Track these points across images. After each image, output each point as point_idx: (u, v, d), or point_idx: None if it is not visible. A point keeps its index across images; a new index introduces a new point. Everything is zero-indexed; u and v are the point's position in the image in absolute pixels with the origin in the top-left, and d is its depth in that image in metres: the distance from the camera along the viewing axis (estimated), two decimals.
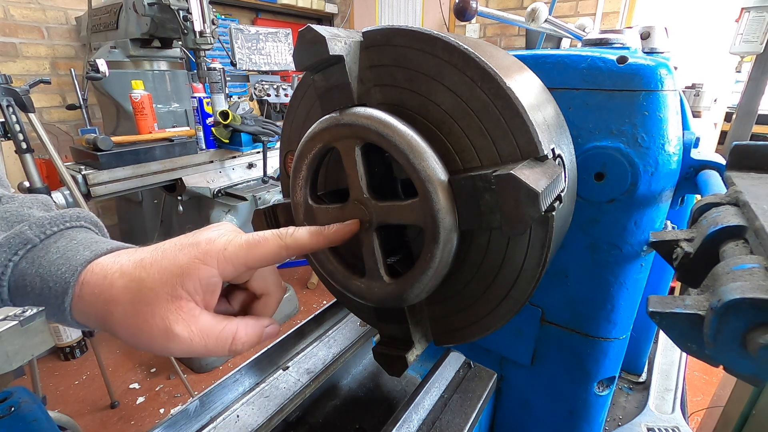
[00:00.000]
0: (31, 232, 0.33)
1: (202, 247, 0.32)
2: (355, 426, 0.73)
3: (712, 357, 0.21)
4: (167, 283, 0.30)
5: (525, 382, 0.63)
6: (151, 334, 0.30)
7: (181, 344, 0.30)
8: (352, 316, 0.89)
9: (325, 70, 0.38)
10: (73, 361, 2.22)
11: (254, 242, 0.33)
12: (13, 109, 1.42)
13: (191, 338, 0.31)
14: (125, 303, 0.30)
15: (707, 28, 2.74)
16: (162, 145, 1.90)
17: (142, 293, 0.30)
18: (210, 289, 0.32)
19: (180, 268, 0.31)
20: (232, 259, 0.32)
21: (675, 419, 0.73)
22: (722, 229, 0.26)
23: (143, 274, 0.31)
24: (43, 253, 0.32)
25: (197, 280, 0.31)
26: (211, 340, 0.32)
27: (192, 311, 0.31)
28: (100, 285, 0.31)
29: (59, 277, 0.31)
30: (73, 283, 0.31)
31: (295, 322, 0.75)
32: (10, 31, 2.44)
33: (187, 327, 0.31)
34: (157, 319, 0.30)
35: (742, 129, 2.10)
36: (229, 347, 0.33)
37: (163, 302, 0.30)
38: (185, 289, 0.31)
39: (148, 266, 0.31)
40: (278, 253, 0.33)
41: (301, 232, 0.35)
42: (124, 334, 0.31)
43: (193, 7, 1.89)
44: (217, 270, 0.31)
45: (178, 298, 0.30)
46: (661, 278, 0.78)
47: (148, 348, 0.31)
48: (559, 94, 0.45)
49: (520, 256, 0.36)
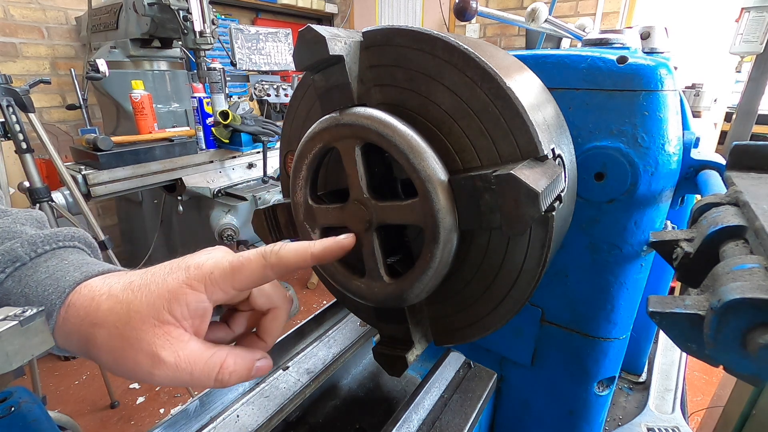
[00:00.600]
0: (22, 249, 0.32)
1: (191, 272, 0.31)
2: (355, 426, 0.73)
3: (712, 357, 0.21)
4: (154, 307, 0.29)
5: (525, 382, 0.63)
6: (136, 359, 0.29)
7: (167, 371, 0.29)
8: (352, 316, 0.89)
9: (325, 70, 0.38)
10: (73, 361, 2.22)
11: (238, 264, 0.31)
12: (13, 109, 1.42)
13: (177, 364, 0.29)
14: (110, 326, 0.29)
15: (707, 28, 2.74)
16: (162, 145, 1.90)
17: (128, 316, 0.29)
18: (199, 314, 0.31)
19: (168, 292, 0.30)
20: (219, 282, 0.31)
21: (675, 419, 0.73)
22: (722, 229, 0.26)
23: (131, 297, 0.30)
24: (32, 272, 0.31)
25: (185, 305, 0.30)
26: (198, 368, 0.30)
27: (180, 337, 0.30)
28: (86, 307, 0.30)
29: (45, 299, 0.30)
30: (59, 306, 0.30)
31: (295, 322, 0.75)
32: (10, 31, 2.44)
33: (174, 353, 0.29)
34: (143, 344, 0.29)
35: (742, 129, 2.10)
36: (215, 376, 0.31)
37: (149, 327, 0.29)
38: (173, 314, 0.30)
39: (136, 289, 0.30)
40: (263, 273, 0.32)
41: (286, 251, 0.32)
42: (107, 358, 0.30)
43: (193, 7, 1.89)
44: (205, 295, 0.31)
45: (166, 323, 0.30)
46: (661, 278, 0.78)
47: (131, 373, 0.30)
48: (559, 94, 0.45)
49: (520, 256, 0.36)
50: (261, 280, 0.32)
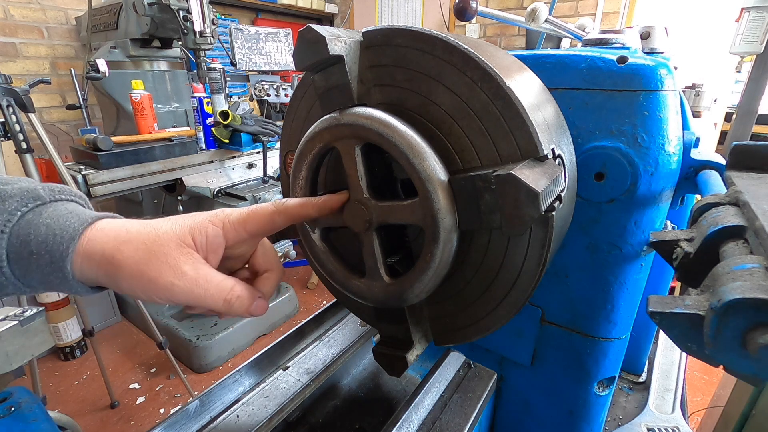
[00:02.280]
0: (44, 192, 0.35)
1: (213, 213, 0.37)
2: (355, 426, 0.73)
3: (712, 357, 0.21)
4: (180, 232, 0.34)
5: (525, 382, 0.63)
6: (161, 269, 0.32)
7: (187, 283, 0.33)
8: (352, 316, 0.89)
9: (325, 70, 0.38)
10: (73, 361, 2.22)
11: (253, 209, 0.37)
12: (13, 109, 1.42)
13: (196, 279, 0.33)
14: (138, 242, 0.33)
15: (707, 28, 2.74)
16: (162, 145, 1.90)
17: (156, 235, 0.33)
18: (214, 248, 0.36)
19: (193, 223, 0.35)
20: (235, 224, 0.36)
21: (675, 419, 0.73)
22: (722, 229, 0.26)
23: (158, 224, 0.35)
24: (52, 210, 0.34)
25: (205, 236, 0.35)
26: (212, 285, 0.34)
27: (199, 260, 0.34)
28: (116, 230, 0.33)
29: (68, 226, 0.32)
30: (81, 230, 0.32)
31: (295, 322, 0.75)
32: (10, 31, 2.44)
33: (195, 269, 0.33)
34: (168, 257, 0.33)
35: (742, 129, 2.10)
36: (225, 296, 0.35)
37: (174, 245, 0.33)
38: (194, 240, 0.34)
39: (164, 221, 0.35)
40: (272, 218, 0.37)
41: (292, 200, 0.38)
42: (129, 273, 0.32)
43: (193, 7, 1.89)
44: (222, 231, 0.36)
45: (188, 246, 0.34)
46: (661, 278, 0.78)
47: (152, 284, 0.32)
48: (559, 94, 0.45)
49: (520, 256, 0.36)
50: (270, 225, 0.37)
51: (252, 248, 0.41)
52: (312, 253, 0.44)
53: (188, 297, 0.33)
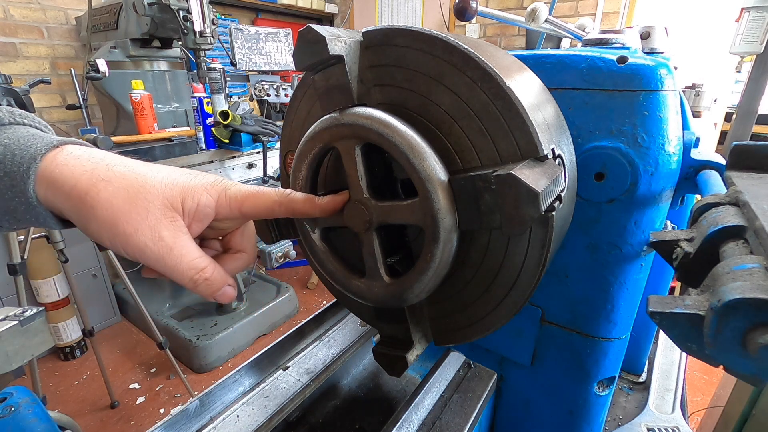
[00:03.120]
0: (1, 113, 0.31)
1: (211, 179, 0.34)
2: (355, 426, 0.73)
3: (712, 357, 0.21)
4: (170, 191, 0.31)
5: (525, 382, 0.63)
6: (138, 226, 0.29)
7: (162, 249, 0.30)
8: (352, 316, 0.89)
9: (325, 70, 0.38)
10: (73, 361, 2.22)
11: (254, 192, 0.35)
12: None
13: (172, 248, 0.30)
14: (119, 186, 0.29)
15: (707, 28, 2.74)
16: (162, 145, 1.90)
17: (143, 186, 0.30)
18: (200, 217, 0.33)
19: (186, 185, 0.32)
20: (231, 199, 0.33)
21: (675, 419, 0.73)
22: (722, 229, 0.26)
23: (148, 172, 0.31)
24: (11, 131, 0.30)
25: (196, 204, 0.32)
26: (185, 261, 0.31)
27: (182, 228, 0.31)
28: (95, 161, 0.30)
29: (29, 147, 0.29)
30: (44, 151, 0.29)
31: (295, 322, 0.74)
32: (10, 31, 2.44)
33: (174, 237, 0.31)
34: (150, 216, 0.30)
35: (742, 129, 2.10)
36: (194, 275, 0.32)
37: (160, 205, 0.30)
38: (184, 205, 0.31)
39: (155, 170, 0.31)
40: (272, 207, 0.35)
41: (297, 196, 0.36)
42: (103, 215, 0.29)
43: (193, 7, 1.89)
44: (215, 203, 0.33)
45: (175, 210, 0.31)
46: (661, 278, 0.78)
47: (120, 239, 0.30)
48: (559, 94, 0.45)
49: (520, 256, 0.36)
50: (266, 213, 0.35)
51: (237, 226, 0.39)
52: (312, 253, 0.44)
53: (157, 263, 0.31)
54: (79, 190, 0.29)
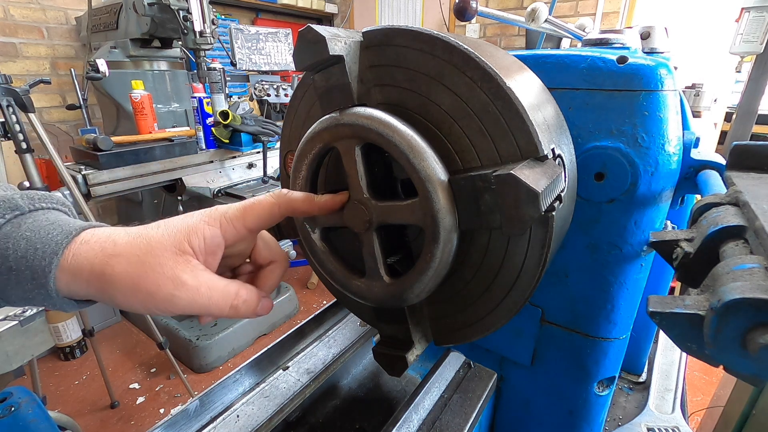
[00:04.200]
0: (22, 201, 0.32)
1: (208, 212, 0.34)
2: (355, 426, 0.73)
3: (712, 357, 0.21)
4: (175, 238, 0.32)
5: (525, 382, 0.63)
6: (158, 282, 0.30)
7: (188, 293, 0.31)
8: (352, 316, 0.89)
9: (325, 70, 0.38)
10: (73, 361, 2.22)
11: (250, 204, 0.35)
12: (13, 109, 1.42)
13: (198, 288, 0.31)
14: (129, 255, 0.30)
15: (707, 28, 2.74)
16: (162, 145, 1.90)
17: (149, 245, 0.31)
18: (212, 249, 0.33)
19: (188, 226, 0.33)
20: (233, 220, 0.34)
21: (675, 419, 0.73)
22: (722, 229, 0.26)
23: (151, 232, 0.32)
24: (31, 221, 0.31)
25: (202, 238, 0.33)
26: (216, 293, 0.32)
27: (198, 266, 0.32)
28: (102, 242, 0.31)
29: (50, 240, 0.30)
30: (65, 245, 0.30)
31: (295, 322, 0.75)
32: (10, 31, 2.44)
33: (195, 277, 0.31)
34: (165, 269, 0.31)
35: (742, 129, 2.10)
36: (231, 302, 0.33)
37: (170, 254, 0.31)
38: (191, 245, 0.32)
39: (154, 227, 0.33)
40: (272, 211, 0.35)
41: (295, 195, 0.37)
42: (125, 285, 0.30)
43: (193, 7, 1.89)
44: (220, 231, 0.33)
45: (185, 253, 0.32)
46: (661, 278, 0.78)
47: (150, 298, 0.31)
48: (559, 94, 0.45)
49: (520, 256, 0.36)
50: (269, 218, 0.35)
51: (252, 243, 0.39)
52: (312, 253, 0.44)
53: (192, 307, 0.32)
54: (96, 273, 0.30)
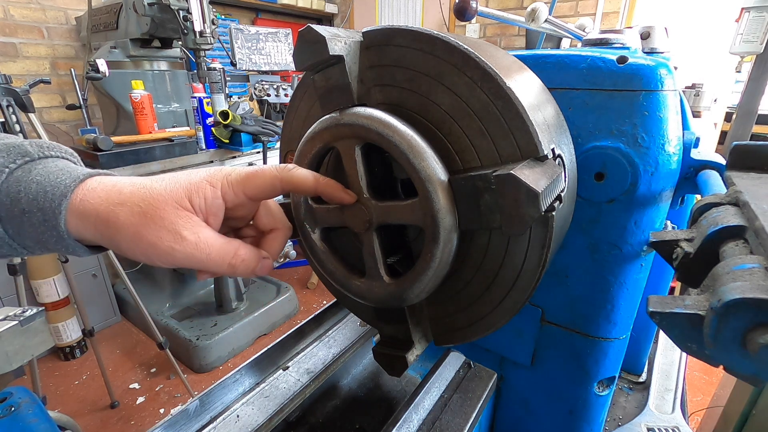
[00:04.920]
0: (31, 148, 0.33)
1: (211, 171, 0.34)
2: (355, 426, 0.73)
3: (712, 357, 0.21)
4: (176, 193, 0.32)
5: (525, 382, 0.63)
6: (159, 234, 0.31)
7: (187, 247, 0.32)
8: (352, 316, 0.89)
9: (325, 70, 0.38)
10: (73, 361, 2.22)
11: (253, 172, 0.35)
12: (13, 109, 1.42)
13: (197, 243, 0.32)
14: (132, 204, 0.31)
15: (707, 28, 2.74)
16: (162, 145, 1.90)
17: (151, 197, 0.32)
18: (213, 210, 0.34)
19: (190, 183, 0.33)
20: (234, 184, 0.34)
21: (675, 419, 0.73)
22: (722, 229, 0.26)
23: (154, 184, 0.32)
24: (41, 167, 0.32)
25: (203, 198, 0.33)
26: (215, 250, 0.33)
27: (199, 222, 0.33)
28: (108, 190, 0.32)
29: (59, 183, 0.31)
30: (73, 188, 0.31)
31: (295, 322, 0.75)
32: (10, 31, 2.44)
33: (195, 233, 0.32)
34: (165, 222, 0.31)
35: (742, 129, 2.10)
36: (229, 260, 0.34)
37: (171, 208, 0.32)
38: (192, 203, 0.33)
39: (159, 180, 0.33)
40: (273, 183, 0.35)
41: (299, 172, 0.36)
42: (127, 234, 0.31)
43: (193, 7, 1.89)
44: (220, 192, 0.34)
45: (185, 209, 0.32)
46: (661, 278, 0.78)
47: (151, 249, 0.31)
48: (559, 94, 0.45)
49: (520, 256, 0.36)
50: (270, 191, 0.35)
51: (254, 209, 0.39)
52: (312, 253, 0.44)
53: (190, 261, 0.32)
54: (102, 219, 0.31)
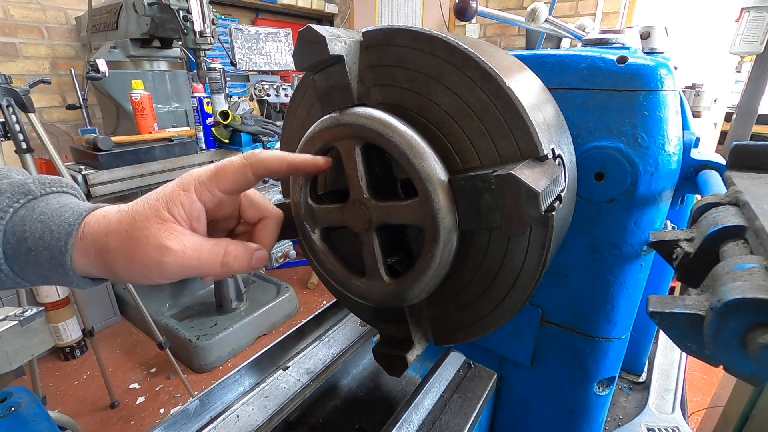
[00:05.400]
0: (34, 186, 0.34)
1: (183, 178, 0.35)
2: (355, 426, 0.73)
3: (712, 357, 0.21)
4: (155, 208, 0.33)
5: (525, 382, 0.63)
6: (147, 252, 0.32)
7: (176, 258, 0.32)
8: (352, 316, 0.89)
9: (325, 70, 0.38)
10: (73, 361, 2.22)
11: (221, 166, 0.35)
12: (13, 109, 1.42)
13: (184, 252, 0.32)
14: (120, 231, 0.32)
15: (707, 28, 2.74)
16: (162, 145, 1.90)
17: (133, 219, 0.32)
18: (194, 215, 0.34)
19: (165, 194, 0.34)
20: (206, 183, 0.34)
21: (675, 419, 0.73)
22: (722, 229, 0.26)
23: (135, 207, 0.33)
24: (44, 204, 0.33)
25: (180, 206, 0.33)
26: (204, 254, 0.33)
27: (183, 231, 0.33)
28: (99, 222, 0.33)
29: (63, 221, 0.32)
30: (77, 226, 0.32)
31: (295, 322, 0.75)
32: (10, 31, 2.44)
33: (180, 242, 0.32)
34: (150, 238, 0.32)
35: (742, 129, 2.10)
36: (221, 260, 0.34)
37: (152, 224, 0.32)
38: (171, 213, 0.33)
39: (139, 201, 0.34)
40: (243, 172, 0.35)
41: (265, 153, 0.36)
42: (121, 261, 0.32)
43: (193, 7, 1.89)
44: (195, 195, 0.34)
45: (167, 221, 0.33)
46: (661, 278, 0.78)
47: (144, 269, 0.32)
48: (559, 94, 0.45)
49: (520, 256, 0.36)
50: (242, 181, 0.35)
51: (236, 204, 0.40)
52: (312, 253, 0.44)
53: (183, 271, 0.33)
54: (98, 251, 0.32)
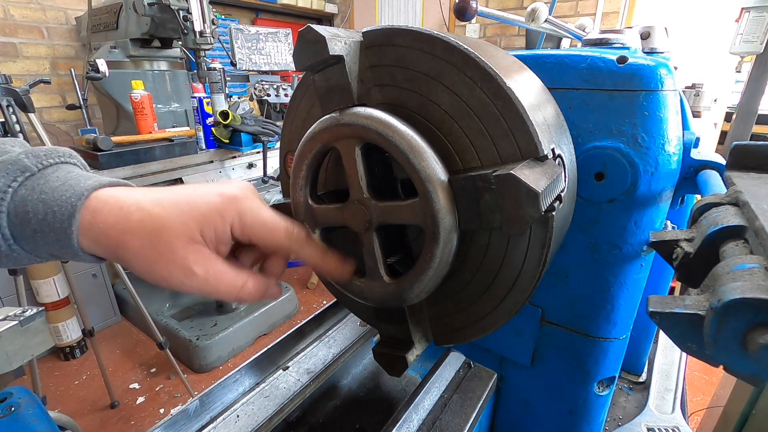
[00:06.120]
0: (29, 160, 0.32)
1: (225, 199, 0.34)
2: (355, 426, 0.73)
3: (712, 357, 0.21)
4: (187, 227, 0.32)
5: (525, 382, 0.63)
6: (169, 269, 0.32)
7: (198, 282, 0.33)
8: (352, 316, 0.89)
9: (325, 70, 0.38)
10: (73, 361, 2.22)
11: (269, 228, 0.36)
12: (13, 109, 1.42)
13: (207, 278, 0.33)
14: (142, 236, 0.31)
15: (707, 28, 2.74)
16: (162, 145, 1.90)
17: (161, 231, 0.31)
18: (223, 240, 0.35)
19: (201, 215, 0.33)
20: (244, 227, 0.35)
21: (675, 419, 0.73)
22: (722, 229, 0.26)
23: (162, 213, 0.32)
24: (43, 181, 0.32)
25: (213, 230, 0.33)
26: (224, 284, 0.34)
27: (209, 256, 0.33)
28: (115, 215, 0.31)
29: (65, 201, 0.31)
30: (80, 207, 0.31)
31: (295, 322, 0.75)
32: (10, 31, 2.44)
33: (205, 268, 0.33)
34: (176, 257, 0.32)
35: (742, 129, 2.10)
36: (237, 294, 0.35)
37: (182, 243, 0.32)
38: (203, 236, 0.33)
39: (167, 206, 0.32)
40: (279, 245, 0.37)
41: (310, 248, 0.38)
42: (139, 264, 0.32)
43: (193, 7, 1.89)
44: (230, 229, 0.34)
45: (197, 243, 0.33)
46: (661, 278, 0.78)
47: (162, 281, 0.32)
48: (559, 94, 0.45)
49: (520, 256, 0.36)
50: (273, 246, 0.37)
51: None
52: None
53: (201, 292, 0.34)
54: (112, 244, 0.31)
